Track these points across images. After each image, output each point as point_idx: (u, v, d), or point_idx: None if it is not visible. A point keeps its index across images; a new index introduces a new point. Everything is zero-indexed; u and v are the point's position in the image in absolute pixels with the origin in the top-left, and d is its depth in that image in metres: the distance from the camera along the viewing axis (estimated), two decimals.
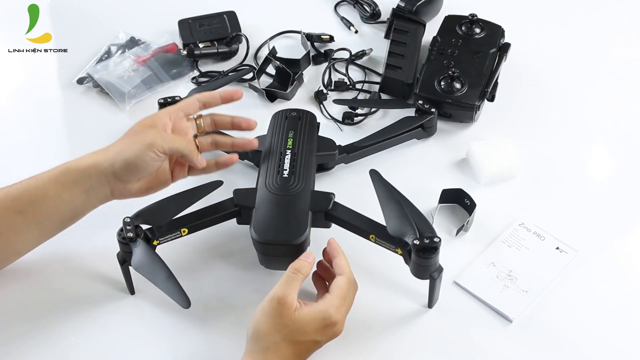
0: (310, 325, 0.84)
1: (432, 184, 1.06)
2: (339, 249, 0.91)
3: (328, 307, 0.85)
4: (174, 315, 0.93)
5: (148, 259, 0.89)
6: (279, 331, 0.83)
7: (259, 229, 0.91)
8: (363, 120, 1.16)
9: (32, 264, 0.98)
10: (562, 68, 1.24)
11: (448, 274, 0.93)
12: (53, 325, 0.93)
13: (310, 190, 0.96)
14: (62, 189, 0.90)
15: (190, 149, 0.94)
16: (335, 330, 0.87)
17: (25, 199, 0.89)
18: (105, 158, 0.90)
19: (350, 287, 0.89)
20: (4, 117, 1.19)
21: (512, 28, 1.22)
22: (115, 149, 0.91)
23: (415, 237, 0.88)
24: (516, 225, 1.03)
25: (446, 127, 1.15)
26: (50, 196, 0.90)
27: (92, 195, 0.91)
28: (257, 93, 1.20)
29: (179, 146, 0.92)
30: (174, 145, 0.92)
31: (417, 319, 0.94)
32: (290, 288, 0.85)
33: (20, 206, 0.89)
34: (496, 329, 0.93)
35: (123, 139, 0.93)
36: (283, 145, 1.01)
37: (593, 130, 1.16)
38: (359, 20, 1.32)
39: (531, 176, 1.09)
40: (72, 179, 0.90)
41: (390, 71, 1.18)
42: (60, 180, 0.90)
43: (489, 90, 1.13)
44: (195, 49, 1.23)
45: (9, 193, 0.90)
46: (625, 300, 0.97)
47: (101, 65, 1.22)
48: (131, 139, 0.92)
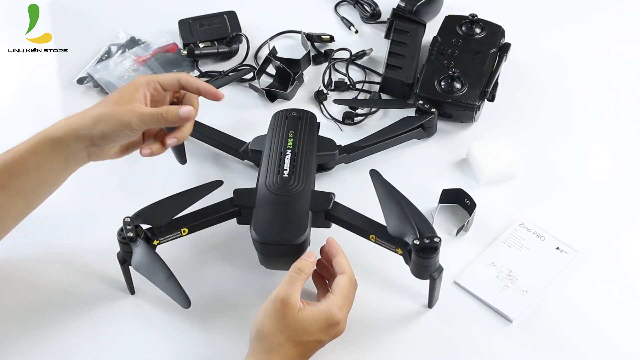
0: (313, 325, 0.84)
1: (432, 184, 1.06)
2: (339, 248, 0.91)
3: (331, 306, 0.85)
4: (174, 315, 0.93)
5: (148, 258, 0.89)
6: (283, 332, 0.83)
7: (259, 229, 0.91)
8: (363, 120, 1.17)
9: (32, 264, 0.98)
10: (562, 68, 1.24)
11: (448, 274, 0.93)
12: (53, 325, 0.93)
13: (310, 190, 0.96)
14: (42, 159, 0.89)
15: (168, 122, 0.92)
16: (338, 329, 0.87)
17: (6, 173, 0.88)
18: (82, 125, 0.89)
19: (351, 286, 0.89)
20: (4, 117, 1.19)
21: (512, 28, 1.22)
22: (92, 118, 0.89)
23: (416, 237, 0.88)
24: (516, 225, 1.03)
25: (446, 127, 1.15)
26: (31, 167, 0.89)
27: (71, 161, 0.91)
28: (257, 93, 1.20)
29: (157, 122, 0.91)
30: (148, 123, 0.90)
31: (417, 319, 0.94)
32: (293, 288, 0.85)
33: (1, 181, 0.88)
34: (496, 329, 0.94)
35: (101, 106, 0.90)
36: (283, 145, 1.01)
37: (593, 130, 1.16)
38: (359, 20, 1.32)
39: (531, 176, 1.09)
40: (51, 148, 0.89)
41: (390, 71, 1.18)
42: (39, 151, 0.89)
43: (489, 90, 1.13)
44: (196, 49, 1.23)
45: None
46: (625, 300, 0.97)
47: (101, 65, 1.22)
48: (109, 110, 0.89)
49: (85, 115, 0.90)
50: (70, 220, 1.04)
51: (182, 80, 0.94)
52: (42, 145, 0.89)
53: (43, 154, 0.89)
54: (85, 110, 0.90)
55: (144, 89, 0.92)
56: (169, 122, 0.91)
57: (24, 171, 0.89)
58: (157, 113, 0.90)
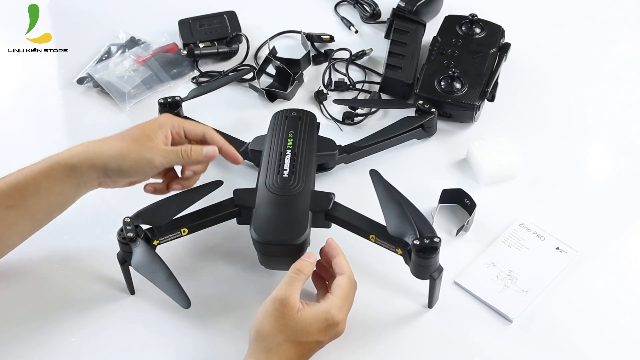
0: (313, 326, 0.84)
1: (432, 184, 1.06)
2: (338, 249, 0.91)
3: (330, 307, 0.85)
4: (174, 315, 0.93)
5: (148, 259, 0.89)
6: (282, 332, 0.83)
7: (259, 229, 0.91)
8: (363, 120, 1.16)
9: (32, 264, 0.98)
10: (562, 68, 1.24)
11: (448, 274, 0.93)
12: (53, 325, 0.93)
13: (310, 190, 0.96)
14: (54, 183, 0.90)
15: (191, 160, 0.94)
16: (337, 330, 0.87)
17: (16, 194, 0.89)
18: (99, 156, 0.90)
19: (351, 287, 0.89)
20: (4, 117, 1.19)
21: (512, 28, 1.22)
22: (111, 151, 0.90)
23: (415, 237, 0.88)
24: (516, 225, 1.03)
25: (446, 127, 1.15)
26: (42, 190, 0.90)
27: (82, 187, 0.92)
28: (257, 93, 1.20)
29: (179, 160, 0.93)
30: (171, 161, 0.92)
31: (417, 319, 0.94)
32: (292, 289, 0.85)
33: (12, 201, 0.89)
34: (496, 329, 0.93)
35: (120, 141, 0.91)
36: (283, 145, 1.01)
37: (593, 130, 1.16)
38: (359, 20, 1.32)
39: (531, 176, 1.09)
40: (64, 174, 0.90)
41: (390, 71, 1.18)
42: (52, 175, 0.90)
43: (489, 90, 1.13)
44: (196, 49, 1.23)
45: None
46: (625, 300, 0.97)
47: (101, 65, 1.22)
48: (129, 146, 0.90)
49: (104, 147, 0.91)
50: (70, 220, 1.04)
51: (207, 135, 0.96)
52: (56, 170, 0.90)
53: (56, 179, 0.90)
54: (103, 140, 0.92)
55: (166, 130, 0.94)
56: (192, 161, 0.93)
57: (34, 193, 0.90)
58: (183, 151, 0.92)
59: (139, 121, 0.94)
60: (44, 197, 0.90)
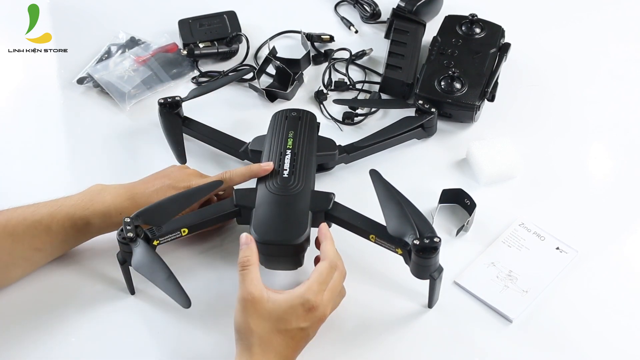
0: (289, 312, 0.84)
1: (432, 184, 1.06)
2: (328, 235, 0.90)
3: (304, 291, 0.85)
4: (174, 315, 0.93)
5: (148, 259, 0.89)
6: (259, 326, 0.83)
7: (259, 229, 0.91)
8: (363, 120, 1.16)
9: None
10: (563, 68, 1.24)
11: (448, 274, 0.93)
12: (53, 325, 0.93)
13: (310, 190, 0.96)
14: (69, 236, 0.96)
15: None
16: (317, 314, 0.85)
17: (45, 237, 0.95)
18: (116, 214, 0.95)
19: (330, 272, 0.87)
20: (4, 117, 1.19)
21: (512, 28, 1.22)
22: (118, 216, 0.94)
23: (415, 237, 0.88)
24: (516, 225, 1.03)
25: (446, 127, 1.15)
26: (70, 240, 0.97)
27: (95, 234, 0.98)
28: (257, 93, 1.20)
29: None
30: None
31: (417, 319, 0.94)
32: (248, 284, 0.84)
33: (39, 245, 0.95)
34: (496, 329, 0.93)
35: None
36: (283, 145, 1.01)
37: (593, 130, 1.16)
38: (359, 20, 1.32)
39: (531, 176, 1.09)
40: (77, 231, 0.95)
41: (390, 71, 1.18)
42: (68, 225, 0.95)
43: (489, 90, 1.13)
44: (196, 49, 1.23)
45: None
46: (625, 300, 0.97)
47: (101, 65, 1.22)
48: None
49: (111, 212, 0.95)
50: None
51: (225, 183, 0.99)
52: (70, 227, 0.94)
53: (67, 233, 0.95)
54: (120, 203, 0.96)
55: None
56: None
57: (63, 242, 0.96)
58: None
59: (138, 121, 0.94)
60: (69, 246, 0.98)
